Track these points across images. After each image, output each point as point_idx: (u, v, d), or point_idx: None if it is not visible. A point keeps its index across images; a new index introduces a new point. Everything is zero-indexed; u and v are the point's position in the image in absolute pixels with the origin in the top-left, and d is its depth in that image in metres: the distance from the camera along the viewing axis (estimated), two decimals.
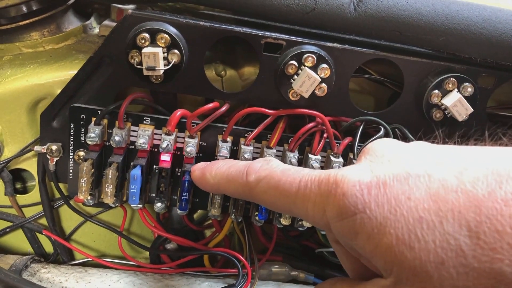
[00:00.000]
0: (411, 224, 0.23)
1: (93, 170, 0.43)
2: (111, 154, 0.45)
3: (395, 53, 0.45)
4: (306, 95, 0.43)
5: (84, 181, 0.43)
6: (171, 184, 0.47)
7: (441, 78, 0.45)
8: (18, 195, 0.53)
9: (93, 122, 0.44)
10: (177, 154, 0.46)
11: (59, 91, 0.46)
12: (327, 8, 0.43)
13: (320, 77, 0.43)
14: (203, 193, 0.48)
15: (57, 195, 0.52)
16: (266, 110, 0.45)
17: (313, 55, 0.43)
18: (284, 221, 0.46)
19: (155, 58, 0.41)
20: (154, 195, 0.46)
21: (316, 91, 0.43)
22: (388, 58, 0.45)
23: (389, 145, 0.28)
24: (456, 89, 0.45)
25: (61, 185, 0.49)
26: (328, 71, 0.43)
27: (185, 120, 0.44)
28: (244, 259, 0.50)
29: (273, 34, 0.43)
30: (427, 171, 0.24)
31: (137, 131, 0.45)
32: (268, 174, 0.30)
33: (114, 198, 0.44)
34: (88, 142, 0.44)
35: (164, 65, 0.41)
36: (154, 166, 0.46)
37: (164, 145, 0.43)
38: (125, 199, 0.47)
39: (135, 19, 0.42)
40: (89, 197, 0.44)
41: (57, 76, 0.47)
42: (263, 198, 0.31)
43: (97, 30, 0.55)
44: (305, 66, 0.43)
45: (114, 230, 0.53)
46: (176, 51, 0.42)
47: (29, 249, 0.55)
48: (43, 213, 0.52)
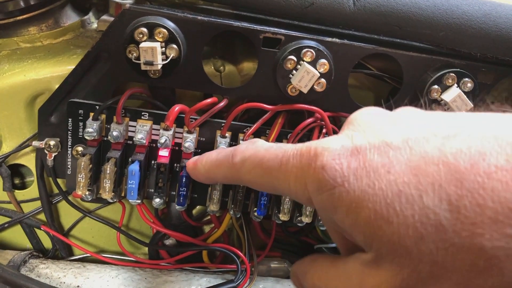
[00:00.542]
0: (389, 198, 0.22)
1: (91, 166, 0.43)
2: (109, 149, 0.45)
3: (395, 48, 0.45)
4: (305, 90, 0.43)
5: (82, 176, 0.43)
6: (169, 180, 0.47)
7: (440, 73, 0.44)
8: (16, 191, 0.53)
9: (91, 117, 0.44)
10: (176, 150, 0.46)
11: (57, 86, 0.46)
12: (326, 3, 0.43)
13: (319, 72, 0.42)
14: (202, 188, 0.48)
15: (56, 190, 0.52)
16: (265, 106, 0.45)
17: (312, 50, 0.42)
18: (283, 217, 0.46)
19: (153, 52, 0.41)
20: (153, 190, 0.46)
21: (315, 86, 0.43)
22: (388, 53, 0.45)
23: (372, 114, 0.27)
24: (456, 84, 0.45)
25: (59, 180, 0.49)
26: (327, 66, 0.43)
27: (184, 115, 0.44)
28: (243, 255, 0.50)
29: (271, 28, 0.43)
30: (408, 142, 0.23)
31: (135, 126, 0.45)
32: (253, 153, 0.30)
33: (113, 193, 0.44)
34: (86, 137, 0.43)
35: (162, 59, 0.41)
36: (153, 162, 0.46)
37: (162, 140, 0.43)
38: (123, 194, 0.47)
39: (133, 14, 0.41)
40: (87, 193, 0.44)
41: (55, 71, 0.47)
42: (248, 178, 0.30)
43: (95, 25, 0.55)
44: (304, 61, 0.42)
45: (113, 226, 0.53)
46: (174, 45, 0.42)
47: (28, 244, 0.55)
48: (41, 208, 0.52)
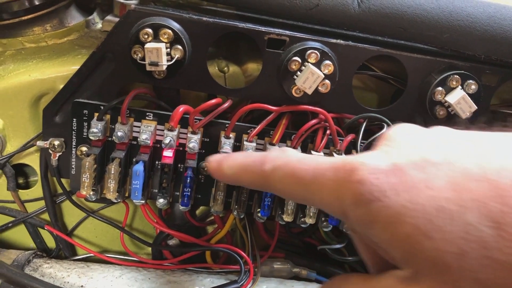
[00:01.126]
0: (430, 214, 0.22)
1: (95, 166, 0.43)
2: (113, 149, 0.45)
3: (399, 50, 0.45)
4: (310, 91, 0.43)
5: (87, 176, 0.43)
6: (173, 180, 0.47)
7: (445, 75, 0.44)
8: (20, 190, 0.53)
9: (95, 118, 0.44)
10: (180, 150, 0.46)
11: (61, 86, 0.46)
12: (331, 4, 0.43)
13: (323, 73, 0.42)
14: (206, 189, 0.48)
15: (60, 190, 0.52)
16: (269, 107, 0.45)
17: (316, 51, 0.42)
18: (287, 218, 0.46)
19: (158, 53, 0.41)
20: (157, 191, 0.46)
21: (319, 87, 0.43)
22: (392, 55, 0.45)
23: (408, 130, 0.27)
24: (460, 86, 0.45)
25: (63, 180, 0.49)
26: (331, 68, 0.43)
27: (188, 116, 0.44)
28: (246, 255, 0.50)
29: (276, 30, 0.43)
30: (447, 158, 0.23)
31: (139, 126, 0.45)
32: (284, 162, 0.29)
33: (117, 193, 0.44)
34: (91, 138, 0.44)
35: (167, 60, 0.41)
36: (157, 162, 0.46)
37: (166, 141, 0.43)
38: (127, 194, 0.47)
39: (139, 14, 0.42)
40: (91, 193, 0.44)
41: (60, 71, 0.47)
42: (279, 187, 0.30)
43: (99, 25, 0.55)
44: (308, 62, 0.43)
45: (116, 226, 0.53)
46: (179, 46, 0.42)
47: (31, 244, 0.55)
48: (45, 208, 0.52)
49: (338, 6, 0.43)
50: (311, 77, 0.42)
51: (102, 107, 0.44)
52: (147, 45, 0.41)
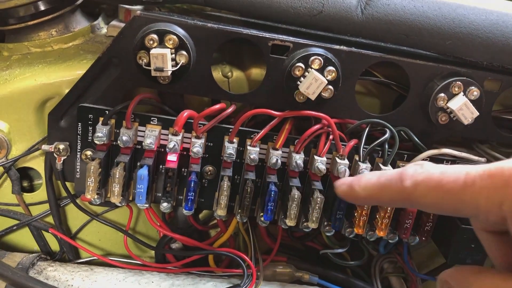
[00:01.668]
0: None
1: (100, 170, 0.44)
2: (118, 153, 0.45)
3: (402, 56, 0.45)
4: (313, 97, 0.43)
5: (92, 180, 0.43)
6: (177, 184, 0.47)
7: (447, 81, 0.45)
8: (25, 193, 0.53)
9: (100, 122, 0.45)
10: (184, 155, 0.46)
11: (67, 90, 0.46)
12: (334, 11, 0.43)
13: (326, 79, 0.43)
14: (209, 193, 0.48)
15: (64, 193, 0.52)
16: (273, 112, 0.45)
17: (320, 57, 0.43)
18: (290, 222, 0.46)
19: (163, 59, 0.41)
20: (161, 194, 0.46)
21: (322, 93, 0.43)
22: (395, 61, 0.45)
23: None
24: (462, 93, 0.45)
25: (68, 183, 0.50)
26: (334, 74, 0.43)
27: (192, 120, 0.44)
28: (249, 259, 0.50)
29: (280, 36, 0.43)
30: None
31: (144, 131, 0.45)
32: (426, 177, 0.29)
33: (121, 197, 0.45)
34: (96, 142, 0.44)
35: (172, 66, 0.42)
36: (161, 166, 0.47)
37: (171, 145, 0.43)
38: (131, 198, 0.48)
39: (144, 20, 0.42)
40: (96, 196, 0.45)
41: (65, 75, 0.48)
42: (424, 201, 0.30)
43: (104, 30, 0.56)
44: (312, 68, 0.43)
45: (120, 229, 0.53)
46: (184, 52, 0.42)
47: (36, 247, 0.56)
48: (49, 211, 0.53)
49: (342, 13, 0.44)
50: (314, 83, 0.43)
51: (107, 112, 0.45)
52: (153, 51, 0.41)
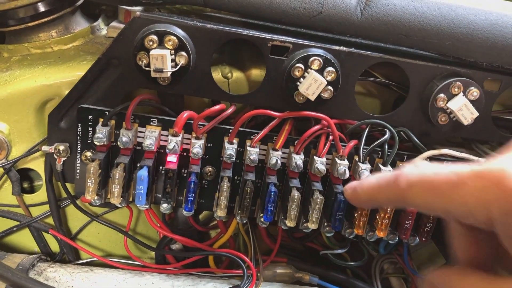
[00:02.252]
0: None
1: (100, 171, 0.44)
2: (118, 154, 0.45)
3: (401, 56, 0.45)
4: (312, 97, 0.43)
5: (92, 181, 0.43)
6: (177, 185, 0.47)
7: (447, 82, 0.45)
8: (25, 195, 0.53)
9: (100, 123, 0.45)
10: (184, 155, 0.46)
11: (67, 91, 0.46)
12: (334, 12, 0.43)
13: (326, 80, 0.43)
14: (209, 194, 0.48)
15: (64, 194, 0.52)
16: (272, 113, 0.45)
17: (319, 58, 0.43)
18: (290, 223, 0.46)
19: (163, 60, 0.41)
20: (160, 195, 0.46)
21: (322, 93, 0.43)
22: (394, 61, 0.45)
23: None
24: (462, 93, 0.45)
25: (68, 185, 0.50)
26: (334, 74, 0.43)
27: (192, 121, 0.44)
28: (249, 260, 0.50)
29: (279, 37, 0.43)
30: None
31: (144, 132, 0.45)
32: (420, 177, 0.30)
33: (121, 198, 0.45)
34: (96, 143, 0.44)
35: (172, 67, 0.42)
36: (161, 167, 0.47)
37: (170, 146, 0.43)
38: (131, 199, 0.48)
39: (144, 21, 0.42)
40: (96, 197, 0.45)
41: (65, 76, 0.48)
42: (418, 202, 0.30)
43: (104, 31, 0.56)
44: (311, 69, 0.43)
45: (120, 230, 0.53)
46: (184, 53, 0.42)
47: (36, 248, 0.56)
48: (49, 212, 0.53)
49: (341, 14, 0.44)
50: (314, 83, 0.43)
51: (107, 113, 0.45)
52: (152, 52, 0.41)
